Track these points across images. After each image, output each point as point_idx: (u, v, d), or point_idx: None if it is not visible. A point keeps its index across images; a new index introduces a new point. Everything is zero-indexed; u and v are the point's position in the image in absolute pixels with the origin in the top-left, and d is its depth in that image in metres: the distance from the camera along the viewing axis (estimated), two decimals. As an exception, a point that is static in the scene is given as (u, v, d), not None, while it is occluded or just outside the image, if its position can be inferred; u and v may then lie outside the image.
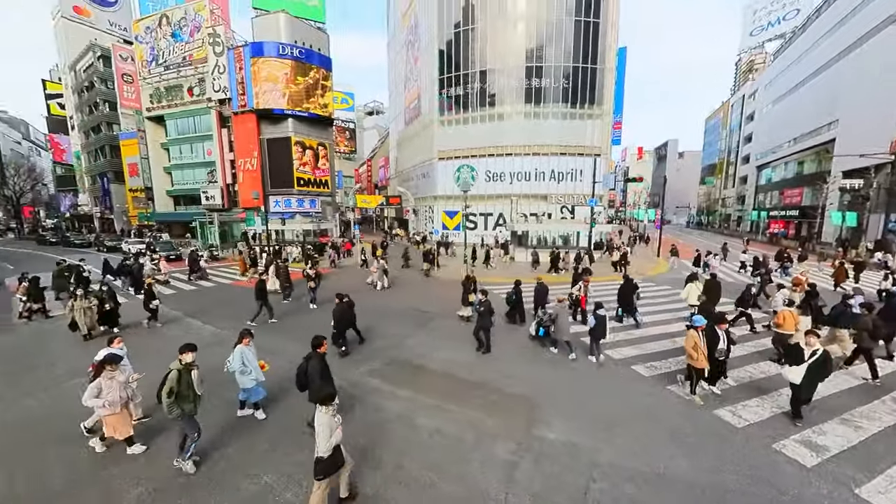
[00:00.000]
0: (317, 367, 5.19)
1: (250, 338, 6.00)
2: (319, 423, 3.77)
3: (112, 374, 5.04)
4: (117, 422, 5.04)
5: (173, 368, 4.75)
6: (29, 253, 31.64)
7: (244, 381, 5.82)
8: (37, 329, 10.88)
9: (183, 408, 4.67)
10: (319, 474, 3.80)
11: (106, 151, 48.31)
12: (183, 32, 36.04)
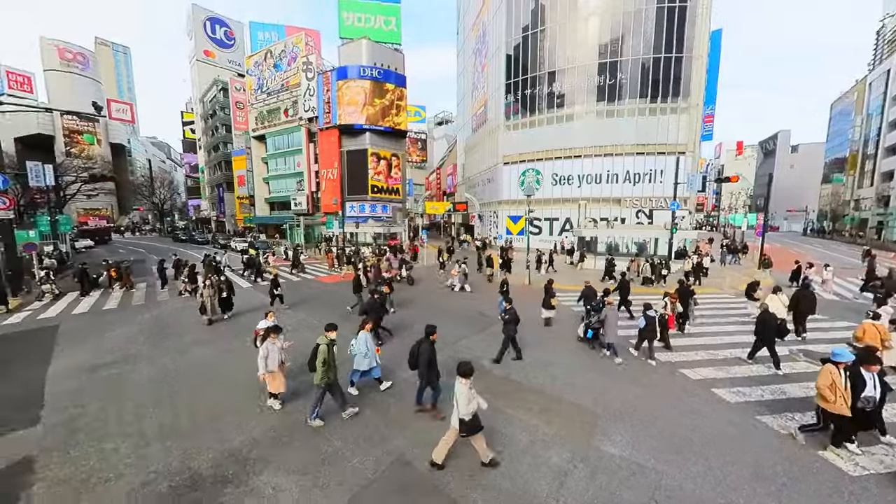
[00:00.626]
0: (427, 350, 5.90)
1: (371, 324, 6.75)
2: (459, 392, 4.56)
3: (275, 341, 6.25)
4: (274, 379, 6.24)
5: (322, 343, 5.71)
6: (168, 247, 39.63)
7: (362, 363, 6.55)
8: (178, 306, 13.76)
9: (329, 375, 5.66)
10: (464, 432, 4.62)
11: (221, 166, 58.12)
12: (282, 63, 41.85)
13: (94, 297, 15.36)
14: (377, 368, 6.78)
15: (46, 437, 5.73)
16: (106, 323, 11.86)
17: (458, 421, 4.64)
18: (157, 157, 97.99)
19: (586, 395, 6.91)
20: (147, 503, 4.41)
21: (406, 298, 14.44)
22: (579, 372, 7.94)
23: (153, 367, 8.30)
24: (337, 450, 5.35)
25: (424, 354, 5.90)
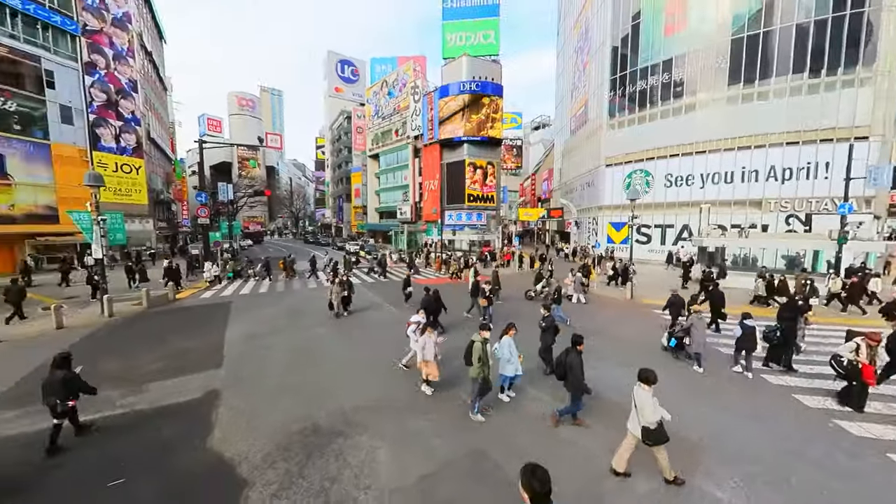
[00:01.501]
0: (577, 360, 5.76)
1: (514, 330, 6.59)
2: (641, 399, 4.50)
3: (431, 335, 7.01)
4: (431, 368, 6.95)
5: (476, 340, 6.10)
6: (300, 247, 48.12)
7: (506, 368, 6.51)
8: (309, 294, 16.70)
9: (483, 371, 6.03)
10: (649, 440, 4.48)
11: (342, 181, 67.99)
12: (395, 90, 47.11)
13: (252, 283, 19.80)
14: (520, 376, 6.78)
15: (226, 378, 7.81)
16: (260, 303, 15.20)
17: (642, 429, 4.49)
18: (296, 175, 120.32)
19: (690, 425, 6.00)
20: (283, 436, 5.68)
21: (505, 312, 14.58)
22: (671, 391, 6.93)
23: (291, 340, 10.38)
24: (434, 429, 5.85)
25: (577, 367, 5.70)
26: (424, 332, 7.00)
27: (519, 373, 6.59)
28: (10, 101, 22.37)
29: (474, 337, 6.17)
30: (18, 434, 5.69)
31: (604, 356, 8.88)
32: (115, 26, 28.76)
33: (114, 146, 28.40)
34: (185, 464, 5.05)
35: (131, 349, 9.57)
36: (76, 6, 26.06)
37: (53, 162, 24.17)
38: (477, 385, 6.05)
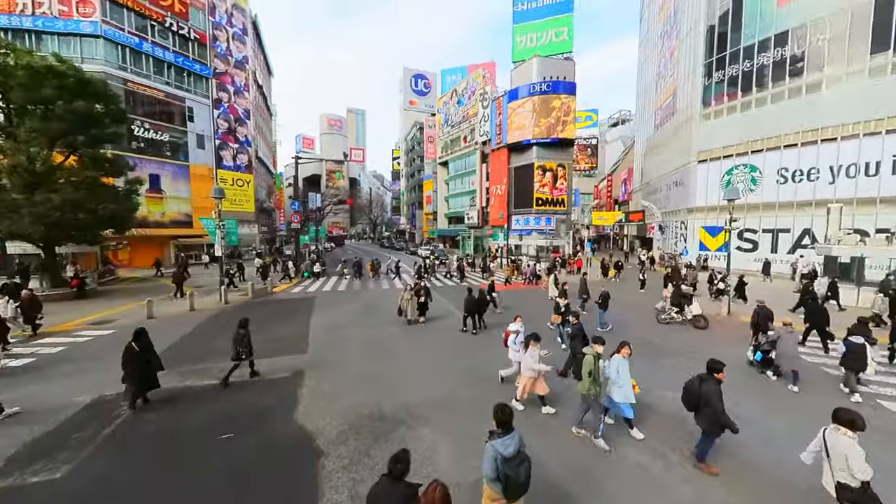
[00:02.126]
0: (714, 390, 4.83)
1: (628, 349, 5.80)
2: (849, 448, 3.57)
3: (535, 348, 6.41)
4: (539, 384, 6.43)
5: (589, 354, 5.66)
6: (377, 251, 51.80)
7: (614, 392, 5.66)
8: (382, 293, 17.97)
9: (594, 388, 5.54)
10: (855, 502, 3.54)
11: (415, 189, 71.52)
12: (464, 98, 48.26)
13: (333, 280, 22.01)
14: (628, 407, 5.58)
15: (310, 362, 8.88)
16: (340, 300, 16.84)
17: (838, 485, 3.65)
18: (375, 185, 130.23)
19: (764, 434, 4.94)
20: (354, 417, 6.26)
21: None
22: (756, 411, 5.76)
23: (366, 334, 11.31)
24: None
25: (716, 397, 4.76)
26: (528, 347, 6.41)
27: (629, 401, 5.56)
28: (165, 133, 28.70)
29: (586, 350, 5.80)
30: (172, 388, 7.26)
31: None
32: (237, 68, 34.93)
33: (231, 165, 34.37)
34: (276, 429, 5.92)
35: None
36: (210, 55, 32.34)
37: (191, 179, 30.21)
38: (587, 403, 5.66)
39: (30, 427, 5.93)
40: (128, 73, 26.98)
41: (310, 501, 4.36)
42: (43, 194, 14.66)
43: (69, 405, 6.65)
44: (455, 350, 9.97)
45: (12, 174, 14.93)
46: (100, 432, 5.83)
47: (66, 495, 4.50)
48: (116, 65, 26.51)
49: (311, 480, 4.71)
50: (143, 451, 5.40)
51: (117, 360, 6.59)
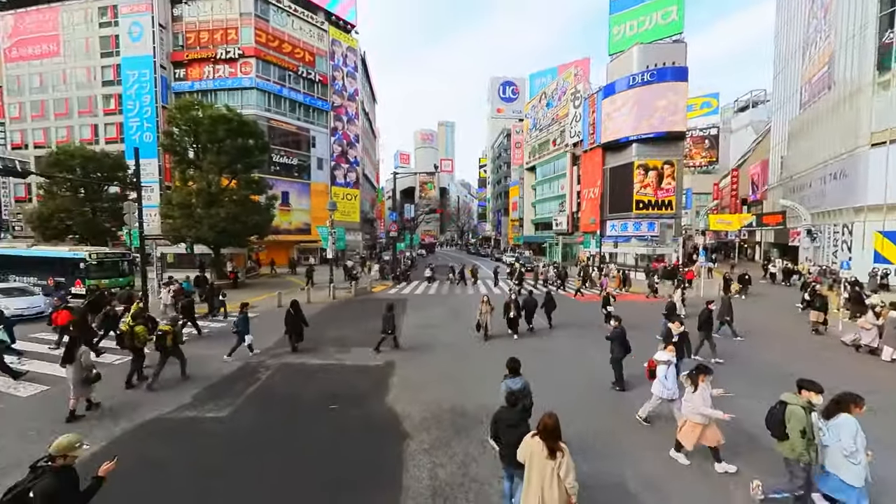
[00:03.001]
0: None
1: (861, 407, 3.91)
2: None
3: (704, 382, 4.84)
4: (710, 431, 4.86)
5: (794, 403, 4.05)
6: (465, 258, 53.23)
7: (841, 469, 3.74)
8: (467, 300, 18.57)
9: (810, 453, 3.88)
10: None
11: (501, 196, 71.50)
12: (553, 100, 46.70)
13: (423, 284, 23.55)
14: (863, 496, 3.70)
15: (401, 355, 9.83)
16: (429, 302, 17.99)
17: None
18: (463, 193, 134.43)
19: None
20: (437, 409, 6.75)
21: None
22: None
23: (451, 335, 11.95)
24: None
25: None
26: (696, 384, 4.87)
27: (860, 484, 3.68)
28: (294, 158, 34.99)
29: (787, 397, 4.17)
30: (293, 362, 8.98)
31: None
32: (349, 100, 40.60)
33: (342, 182, 39.84)
34: (371, 409, 6.79)
35: (343, 322, 13.36)
36: (329, 92, 38.34)
37: (311, 195, 36.07)
38: (799, 473, 3.99)
39: (203, 378, 8.04)
40: (270, 113, 33.91)
41: (395, 473, 4.93)
42: (215, 209, 19.54)
43: (226, 367, 8.79)
44: (536, 358, 9.77)
45: (198, 195, 20.26)
46: (245, 390, 7.58)
47: (229, 427, 6.10)
48: (264, 108, 33.60)
49: (397, 456, 5.29)
50: (276, 407, 6.87)
51: (262, 334, 8.42)
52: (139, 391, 7.47)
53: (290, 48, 35.31)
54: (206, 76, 33.53)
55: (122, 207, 25.82)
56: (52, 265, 18.01)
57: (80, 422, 6.22)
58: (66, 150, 25.12)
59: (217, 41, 33.18)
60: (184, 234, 20.23)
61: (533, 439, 3.52)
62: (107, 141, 33.54)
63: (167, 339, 7.67)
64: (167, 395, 7.28)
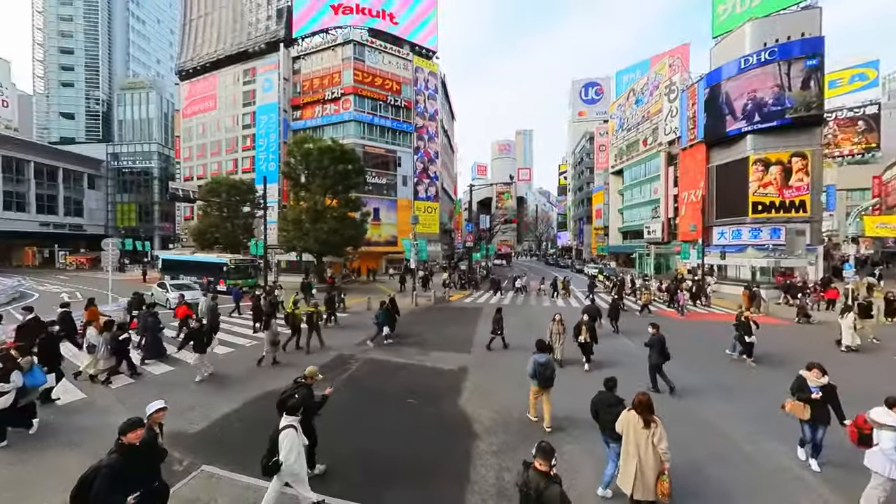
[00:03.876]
0: None
1: None
2: None
3: None
4: None
5: None
6: (542, 269, 51.47)
7: None
8: (542, 311, 18.18)
9: None
10: None
11: (583, 203, 67.40)
12: (644, 96, 42.82)
13: (499, 295, 23.64)
14: None
15: (473, 361, 10.27)
16: (505, 311, 17.85)
17: None
18: (541, 202, 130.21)
19: None
20: (506, 415, 6.99)
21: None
22: None
23: (524, 344, 11.73)
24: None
25: None
26: None
27: None
28: (383, 178, 38.74)
29: None
30: (379, 358, 10.13)
31: None
32: (430, 120, 43.49)
33: (424, 196, 42.51)
34: (444, 408, 7.36)
35: (423, 327, 14.37)
36: (413, 114, 41.70)
37: (397, 210, 39.32)
38: None
39: (306, 364, 9.57)
40: (364, 140, 38.31)
41: (463, 468, 5.33)
42: (320, 224, 22.96)
43: (321, 357, 10.29)
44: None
45: (306, 213, 24.05)
46: (338, 377, 8.85)
47: (330, 403, 7.18)
48: (360, 136, 38.18)
49: (465, 454, 5.69)
50: (362, 395, 7.95)
51: (356, 331, 9.77)
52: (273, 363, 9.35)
53: (381, 81, 39.61)
54: (316, 115, 39.67)
55: (252, 223, 32.35)
56: (205, 268, 23.28)
57: (265, 369, 8.97)
58: (217, 180, 32.48)
59: (325, 85, 39.12)
60: (295, 244, 24.23)
61: (630, 413, 4.19)
62: (243, 171, 41.95)
63: (314, 316, 11.26)
64: (290, 371, 8.90)
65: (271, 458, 4.02)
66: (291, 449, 4.03)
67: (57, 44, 63.49)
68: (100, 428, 6.20)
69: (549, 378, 6.37)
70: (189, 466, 5.27)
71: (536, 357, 6.52)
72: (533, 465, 3.30)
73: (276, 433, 4.12)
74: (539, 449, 3.31)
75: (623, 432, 4.19)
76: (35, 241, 44.75)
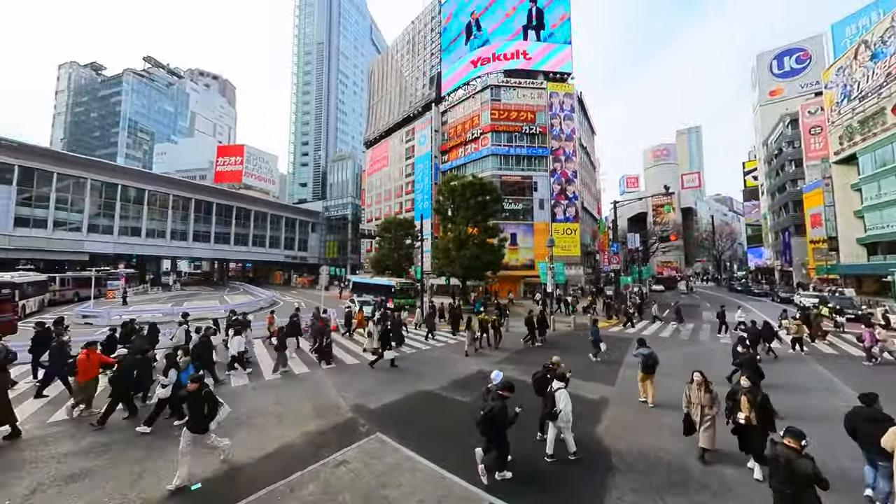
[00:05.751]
0: None
1: None
2: None
3: None
4: None
5: None
6: (725, 297, 40.92)
7: None
8: (711, 348, 15.12)
9: None
10: None
11: (787, 208, 50.70)
12: (885, 47, 30.58)
13: (658, 325, 20.60)
14: None
15: (615, 394, 9.75)
16: (662, 345, 15.26)
17: None
18: (719, 211, 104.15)
19: None
20: (649, 454, 6.56)
21: None
22: None
23: (675, 385, 10.32)
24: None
25: None
26: None
27: None
28: (519, 203, 40.16)
29: None
30: (521, 379, 10.89)
31: None
32: (566, 140, 42.96)
33: (562, 217, 41.48)
34: (579, 431, 7.15)
35: (559, 351, 14.19)
36: (548, 138, 42.22)
37: (534, 234, 39.69)
38: None
39: (455, 373, 11.20)
40: (501, 171, 41.06)
41: (596, 496, 5.43)
42: (463, 251, 25.88)
43: (467, 368, 11.70)
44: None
45: (452, 242, 27.50)
46: (480, 387, 9.96)
47: (469, 409, 8.01)
48: (497, 168, 41.25)
49: (600, 482, 5.73)
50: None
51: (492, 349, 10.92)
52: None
53: (516, 114, 42.09)
54: (460, 155, 45.32)
55: (412, 253, 38.92)
56: (379, 288, 29.34)
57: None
58: (388, 220, 40.97)
59: (467, 129, 44.55)
60: (444, 270, 27.89)
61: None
62: (406, 211, 51.11)
63: (487, 322, 14.94)
64: (433, 378, 10.80)
65: (551, 408, 6.17)
66: (567, 402, 6.17)
67: (300, 140, 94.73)
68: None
69: (652, 366, 8.71)
70: (368, 431, 7.36)
71: (643, 350, 8.89)
72: (782, 443, 4.10)
73: (552, 393, 6.39)
74: (788, 430, 4.11)
75: (892, 449, 4.28)
76: (281, 268, 66.25)
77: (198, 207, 51.57)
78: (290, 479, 5.68)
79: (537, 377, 7.28)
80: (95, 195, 41.37)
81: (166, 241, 48.01)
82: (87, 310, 21.39)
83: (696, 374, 6.54)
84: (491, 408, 5.58)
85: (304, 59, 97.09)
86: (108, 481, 5.68)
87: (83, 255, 38.95)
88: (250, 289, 44.88)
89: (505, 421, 5.59)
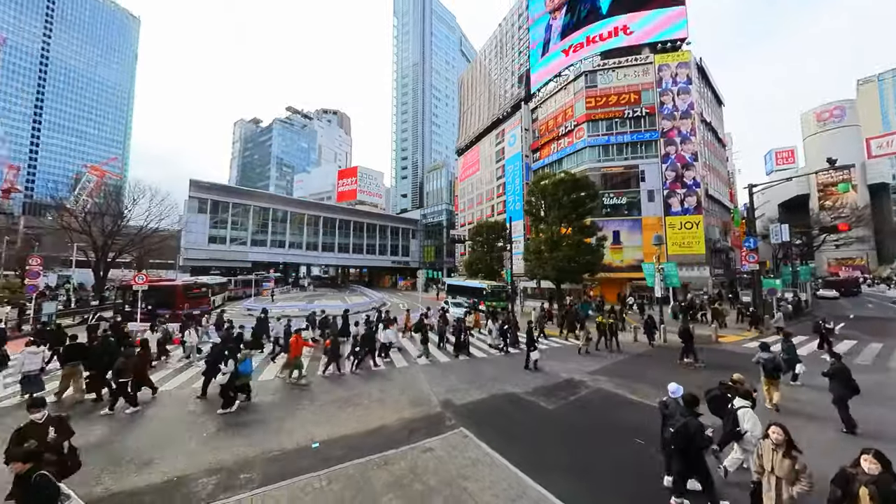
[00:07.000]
0: None
1: None
2: None
3: None
4: None
5: None
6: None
7: None
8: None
9: None
10: None
11: None
12: None
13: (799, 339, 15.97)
14: None
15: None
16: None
17: None
18: None
19: None
20: None
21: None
22: None
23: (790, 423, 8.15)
24: None
25: None
26: None
27: None
28: (623, 197, 36.09)
29: None
30: (612, 392, 10.14)
31: None
32: (682, 118, 36.87)
33: (679, 209, 35.61)
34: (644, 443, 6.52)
35: (666, 367, 12.45)
36: (658, 119, 37.00)
37: (643, 230, 35.10)
38: None
39: (543, 378, 10.92)
40: (600, 163, 37.67)
41: None
42: (556, 252, 24.63)
43: (556, 378, 11.22)
44: None
45: (545, 243, 26.43)
46: (566, 397, 9.63)
47: (550, 417, 8.25)
48: (594, 161, 38.05)
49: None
50: (586, 418, 8.31)
51: (588, 360, 10.35)
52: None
53: (616, 98, 38.12)
54: (552, 151, 43.35)
55: (503, 255, 38.77)
56: (472, 291, 30.16)
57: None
58: (480, 223, 41.71)
59: (559, 122, 42.37)
60: (536, 272, 26.99)
61: None
62: (497, 214, 51.21)
63: (605, 326, 15.09)
64: (519, 381, 10.78)
65: (733, 428, 5.57)
66: (755, 423, 5.46)
67: (399, 154, 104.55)
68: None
69: (773, 370, 8.50)
70: (453, 425, 7.87)
71: (762, 354, 8.77)
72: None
73: (734, 412, 5.76)
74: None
75: None
76: (388, 272, 73.95)
77: (325, 223, 61.94)
78: (386, 453, 6.61)
79: (712, 395, 6.50)
80: (255, 217, 53.76)
81: (303, 251, 59.00)
82: (250, 304, 28.31)
83: (775, 430, 4.43)
84: (684, 423, 4.80)
85: (402, 81, 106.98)
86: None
87: (248, 263, 50.91)
88: (365, 291, 51.77)
89: (703, 442, 4.83)
